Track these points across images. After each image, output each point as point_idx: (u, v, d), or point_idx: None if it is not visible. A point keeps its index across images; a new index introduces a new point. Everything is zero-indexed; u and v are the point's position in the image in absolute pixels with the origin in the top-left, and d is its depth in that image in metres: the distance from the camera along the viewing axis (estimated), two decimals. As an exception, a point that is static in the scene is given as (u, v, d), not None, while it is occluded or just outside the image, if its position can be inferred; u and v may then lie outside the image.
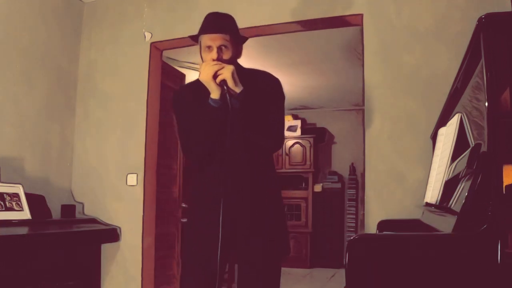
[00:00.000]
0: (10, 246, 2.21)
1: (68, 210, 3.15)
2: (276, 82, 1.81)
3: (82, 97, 3.44)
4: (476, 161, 1.14)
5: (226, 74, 1.62)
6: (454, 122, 1.57)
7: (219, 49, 1.69)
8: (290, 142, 6.73)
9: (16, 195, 2.60)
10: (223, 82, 1.63)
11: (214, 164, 1.72)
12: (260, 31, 3.05)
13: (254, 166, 1.73)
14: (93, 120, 3.39)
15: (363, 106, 2.70)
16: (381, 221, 2.28)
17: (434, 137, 2.17)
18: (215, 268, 1.61)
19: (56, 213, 3.05)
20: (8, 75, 2.86)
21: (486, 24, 1.14)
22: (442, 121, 1.97)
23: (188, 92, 1.85)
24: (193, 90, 1.80)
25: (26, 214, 2.58)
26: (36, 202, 2.76)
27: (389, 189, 2.54)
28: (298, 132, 6.74)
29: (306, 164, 6.72)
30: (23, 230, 2.45)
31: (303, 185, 6.79)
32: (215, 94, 1.65)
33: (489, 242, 1.00)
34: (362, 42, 2.74)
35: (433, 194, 1.75)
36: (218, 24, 1.71)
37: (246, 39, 1.81)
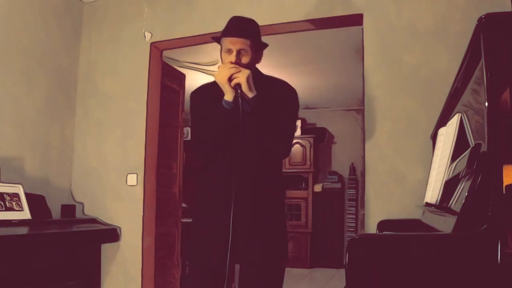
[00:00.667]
0: (10, 246, 2.21)
1: (68, 210, 3.16)
2: (291, 91, 1.84)
3: (82, 97, 3.44)
4: (476, 161, 1.14)
5: (241, 78, 1.65)
6: (454, 122, 1.57)
7: (239, 52, 1.72)
8: (290, 142, 6.73)
9: (16, 195, 2.60)
10: (238, 86, 1.66)
11: (220, 164, 1.74)
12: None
13: (259, 168, 1.75)
14: (93, 120, 3.39)
15: (363, 106, 2.70)
16: (381, 221, 2.28)
17: (434, 137, 2.17)
18: (221, 267, 1.62)
19: (56, 213, 3.05)
20: (8, 75, 2.86)
21: (486, 24, 1.14)
22: (442, 121, 1.97)
23: (204, 92, 1.88)
24: (209, 90, 1.83)
25: (26, 214, 2.59)
26: (36, 202, 2.76)
27: (389, 189, 2.54)
28: (298, 132, 6.74)
29: (306, 164, 6.73)
30: (23, 230, 2.45)
31: (303, 185, 6.79)
32: (229, 96, 1.68)
33: (489, 242, 1.00)
34: (362, 42, 2.75)
35: (433, 194, 1.75)
36: (240, 28, 1.74)
37: (266, 46, 1.83)
